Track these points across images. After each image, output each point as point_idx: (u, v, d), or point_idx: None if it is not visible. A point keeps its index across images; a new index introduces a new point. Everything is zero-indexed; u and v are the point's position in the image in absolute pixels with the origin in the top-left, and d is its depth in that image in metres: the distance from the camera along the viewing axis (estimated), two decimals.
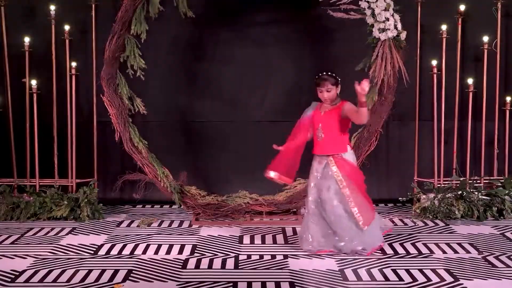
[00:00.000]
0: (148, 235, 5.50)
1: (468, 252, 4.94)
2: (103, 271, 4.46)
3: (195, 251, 4.99)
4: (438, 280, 4.26)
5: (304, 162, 6.62)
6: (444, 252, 4.94)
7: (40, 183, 6.34)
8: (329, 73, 4.87)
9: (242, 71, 6.69)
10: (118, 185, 5.95)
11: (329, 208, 4.84)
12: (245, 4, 6.54)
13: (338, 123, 4.88)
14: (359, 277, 4.35)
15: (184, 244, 5.18)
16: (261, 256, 4.84)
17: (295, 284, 4.19)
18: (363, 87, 4.48)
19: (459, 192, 6.14)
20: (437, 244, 5.14)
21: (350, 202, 4.81)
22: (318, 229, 4.91)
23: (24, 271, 4.47)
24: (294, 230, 5.65)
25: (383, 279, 4.31)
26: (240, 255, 4.87)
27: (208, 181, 6.67)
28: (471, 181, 6.34)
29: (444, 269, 4.48)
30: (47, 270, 4.49)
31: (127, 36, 5.78)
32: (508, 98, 6.46)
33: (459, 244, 5.15)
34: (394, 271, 4.46)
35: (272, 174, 5.09)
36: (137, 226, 5.85)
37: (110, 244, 5.18)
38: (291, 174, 5.14)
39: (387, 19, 5.54)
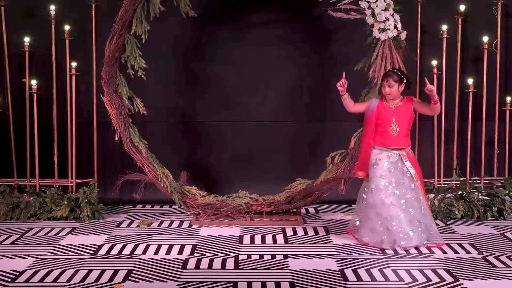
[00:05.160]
0: (148, 235, 5.50)
1: (468, 252, 4.94)
2: (103, 271, 4.45)
3: (195, 251, 4.99)
4: (438, 280, 4.26)
5: (302, 162, 6.68)
6: (444, 252, 4.94)
7: (40, 183, 6.34)
8: (395, 70, 5.22)
9: (242, 71, 6.68)
10: (118, 185, 5.94)
11: (406, 203, 5.08)
12: (245, 4, 6.54)
13: (409, 118, 5.18)
14: (359, 277, 4.35)
15: (184, 244, 5.17)
16: (261, 256, 4.84)
17: (295, 284, 4.19)
18: (429, 87, 4.99)
19: (459, 192, 6.14)
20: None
21: (423, 196, 5.15)
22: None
23: (24, 271, 4.47)
24: (294, 230, 5.64)
25: (383, 279, 4.31)
26: (240, 255, 4.87)
27: (208, 181, 6.66)
28: (471, 181, 6.34)
29: (444, 269, 4.48)
30: (47, 270, 4.49)
31: (127, 36, 5.78)
32: (508, 98, 6.46)
33: (459, 244, 5.15)
34: (394, 271, 4.46)
35: (360, 174, 5.34)
36: (137, 226, 5.85)
37: (110, 244, 5.17)
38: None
39: (387, 19, 5.54)
